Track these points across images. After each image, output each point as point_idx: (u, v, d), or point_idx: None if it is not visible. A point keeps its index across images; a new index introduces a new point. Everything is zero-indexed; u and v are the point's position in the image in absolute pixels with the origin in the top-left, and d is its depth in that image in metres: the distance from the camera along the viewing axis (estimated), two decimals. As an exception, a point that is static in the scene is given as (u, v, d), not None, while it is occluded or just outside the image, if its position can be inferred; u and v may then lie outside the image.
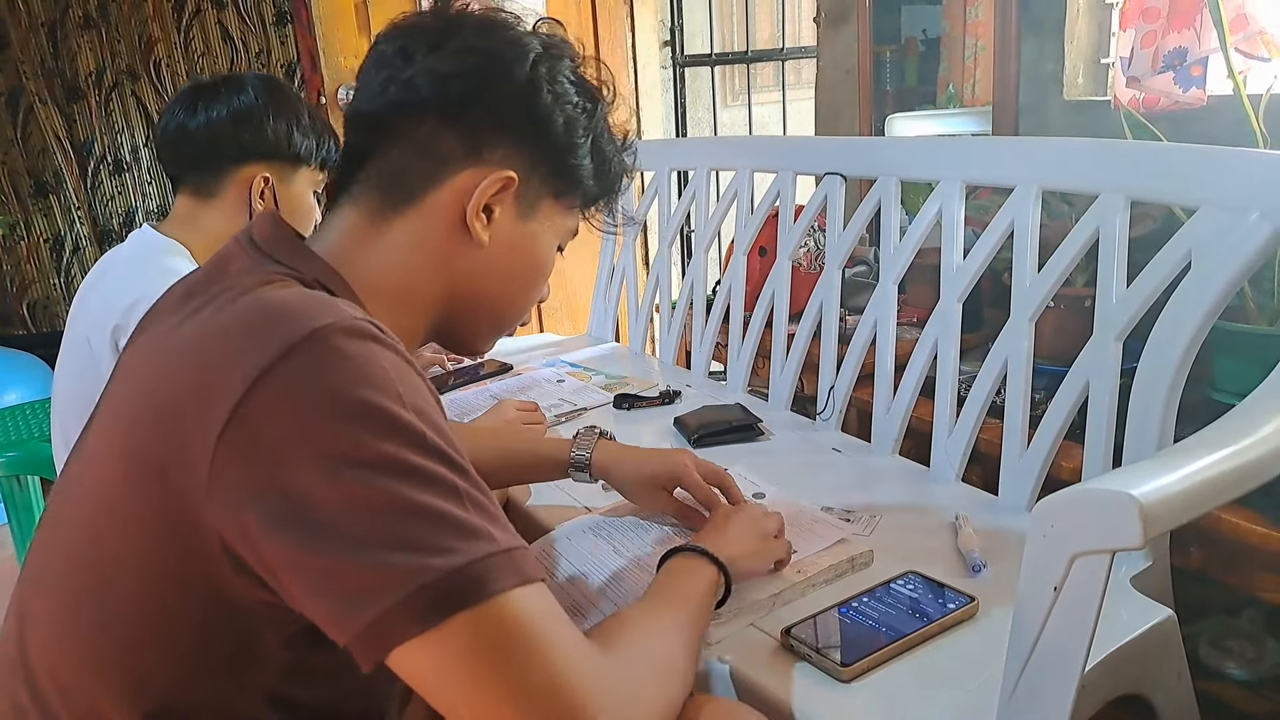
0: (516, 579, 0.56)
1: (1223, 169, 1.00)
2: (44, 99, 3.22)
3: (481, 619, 0.54)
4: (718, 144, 2.39)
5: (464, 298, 0.76)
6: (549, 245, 0.80)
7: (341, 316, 0.59)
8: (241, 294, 0.63)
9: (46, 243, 3.33)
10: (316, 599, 0.55)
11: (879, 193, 1.43)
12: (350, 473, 0.54)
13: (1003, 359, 1.21)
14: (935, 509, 1.17)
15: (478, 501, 0.57)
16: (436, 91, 0.71)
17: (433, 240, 0.73)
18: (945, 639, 0.89)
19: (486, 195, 0.72)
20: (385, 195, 0.73)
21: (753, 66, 3.21)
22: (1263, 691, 1.19)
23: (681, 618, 0.76)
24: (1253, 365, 1.11)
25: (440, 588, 0.53)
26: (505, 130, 0.73)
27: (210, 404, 0.56)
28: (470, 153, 0.72)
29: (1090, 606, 0.62)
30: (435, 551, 0.54)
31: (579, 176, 0.78)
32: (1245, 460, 0.67)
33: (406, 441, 0.56)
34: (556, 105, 0.74)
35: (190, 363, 0.60)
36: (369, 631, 0.53)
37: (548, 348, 2.13)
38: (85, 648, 0.62)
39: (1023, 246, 1.19)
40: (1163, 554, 1.04)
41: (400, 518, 0.54)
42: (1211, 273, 0.97)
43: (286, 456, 0.54)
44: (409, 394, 0.58)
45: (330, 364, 0.56)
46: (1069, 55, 1.74)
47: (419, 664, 0.55)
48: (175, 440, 0.57)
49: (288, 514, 0.54)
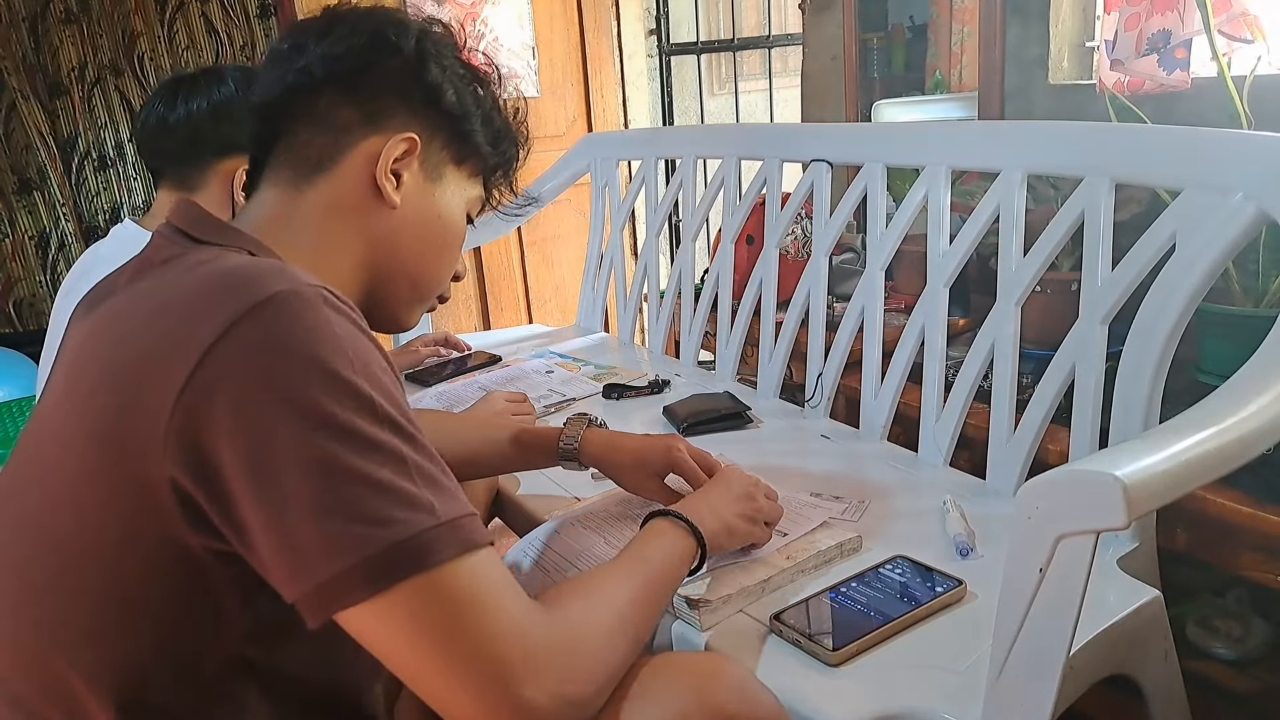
0: (457, 549, 0.58)
1: (1207, 151, 1.00)
2: (26, 95, 3.20)
3: (421, 588, 0.57)
4: (704, 132, 2.38)
5: (384, 263, 0.79)
6: (457, 210, 0.83)
7: (297, 282, 0.60)
8: (197, 265, 0.65)
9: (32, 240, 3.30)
10: (265, 553, 0.57)
11: (865, 179, 1.43)
12: (304, 432, 0.56)
13: (989, 344, 1.21)
14: (923, 494, 1.17)
15: (424, 471, 0.60)
16: (329, 70, 0.75)
17: (347, 205, 0.76)
18: (934, 622, 0.89)
19: (392, 157, 0.76)
20: (296, 170, 0.76)
21: (739, 54, 3.20)
22: (1249, 670, 1.20)
23: (641, 580, 0.76)
24: (1238, 347, 1.11)
25: (383, 559, 0.56)
26: (399, 98, 0.77)
27: (170, 364, 0.57)
28: (369, 121, 0.76)
29: (1075, 587, 0.62)
30: (381, 523, 0.56)
31: (475, 143, 0.82)
32: (1229, 439, 0.67)
33: (359, 407, 0.58)
34: (445, 76, 0.79)
35: (149, 328, 0.61)
36: (314, 594, 0.56)
37: (536, 339, 2.13)
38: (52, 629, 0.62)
39: (1008, 231, 1.20)
40: (1149, 535, 1.05)
41: (349, 485, 0.56)
42: (1196, 255, 0.97)
43: (244, 411, 0.56)
44: (362, 360, 0.60)
45: (288, 327, 0.58)
46: (1054, 39, 1.74)
47: (362, 626, 0.58)
48: (133, 403, 0.58)
49: (243, 466, 0.56)
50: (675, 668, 0.73)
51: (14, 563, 0.64)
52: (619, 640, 0.68)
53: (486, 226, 2.38)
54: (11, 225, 3.27)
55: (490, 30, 2.82)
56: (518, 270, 3.10)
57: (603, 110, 3.18)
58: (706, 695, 0.70)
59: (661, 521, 0.87)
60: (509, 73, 3.00)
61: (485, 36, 2.82)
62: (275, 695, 0.67)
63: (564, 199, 2.42)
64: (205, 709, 0.64)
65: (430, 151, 0.79)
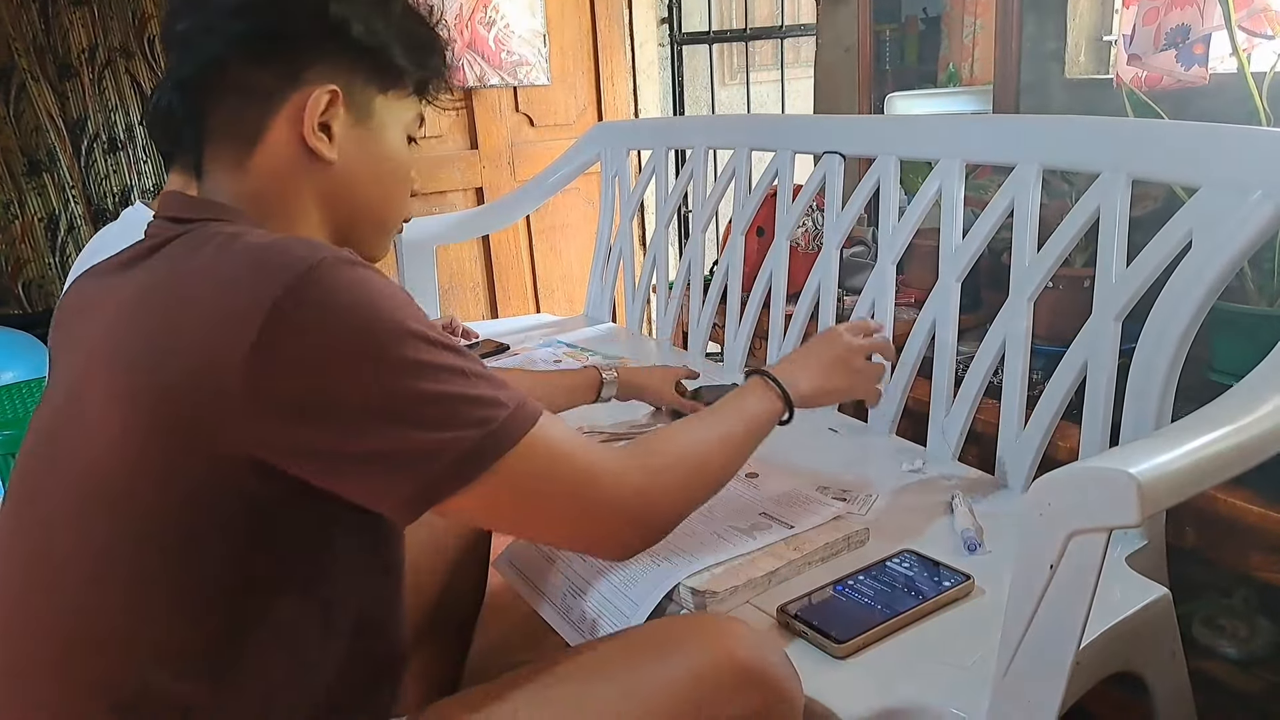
0: (527, 424, 0.68)
1: (1225, 147, 0.99)
2: (36, 76, 3.19)
3: (511, 464, 0.67)
4: (715, 123, 2.37)
5: (343, 215, 0.80)
6: (397, 141, 0.82)
7: (330, 250, 0.65)
8: (228, 240, 0.67)
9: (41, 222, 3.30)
10: (365, 476, 0.64)
11: (878, 172, 1.42)
12: (380, 376, 0.63)
13: (1001, 339, 1.20)
14: (931, 489, 1.17)
15: (481, 374, 0.68)
16: (231, 35, 0.73)
17: (289, 172, 0.76)
18: (941, 617, 0.89)
19: (316, 114, 0.74)
20: (233, 145, 0.75)
21: (751, 45, 3.18)
22: (1256, 670, 1.20)
23: (723, 429, 0.87)
24: (1252, 346, 1.10)
25: (475, 452, 0.65)
26: (309, 48, 0.75)
27: (232, 333, 0.61)
28: (287, 80, 0.74)
29: (1086, 585, 0.62)
30: (466, 424, 0.65)
31: (398, 67, 0.80)
32: (1243, 439, 0.67)
33: (414, 341, 0.64)
34: (349, 7, 0.76)
35: (199, 302, 0.63)
36: (417, 495, 0.64)
37: (545, 328, 2.13)
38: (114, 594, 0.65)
39: (1022, 226, 1.19)
40: (1158, 533, 1.05)
41: (430, 405, 0.64)
42: (1212, 253, 0.97)
43: (317, 372, 0.61)
44: (404, 305, 0.66)
45: (337, 289, 0.63)
46: (1071, 33, 1.72)
47: (465, 509, 0.67)
48: (197, 372, 0.61)
49: (329, 412, 0.62)
50: (700, 625, 0.77)
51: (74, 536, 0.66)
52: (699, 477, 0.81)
53: (494, 215, 2.38)
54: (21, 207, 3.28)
55: (501, 17, 2.81)
56: (526, 259, 3.10)
57: (613, 99, 3.17)
58: (728, 649, 0.73)
59: (755, 380, 0.96)
60: (519, 60, 3.00)
61: (496, 23, 2.81)
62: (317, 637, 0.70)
63: (573, 188, 2.41)
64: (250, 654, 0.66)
65: (354, 93, 0.77)
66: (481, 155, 2.90)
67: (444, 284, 2.84)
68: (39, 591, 0.66)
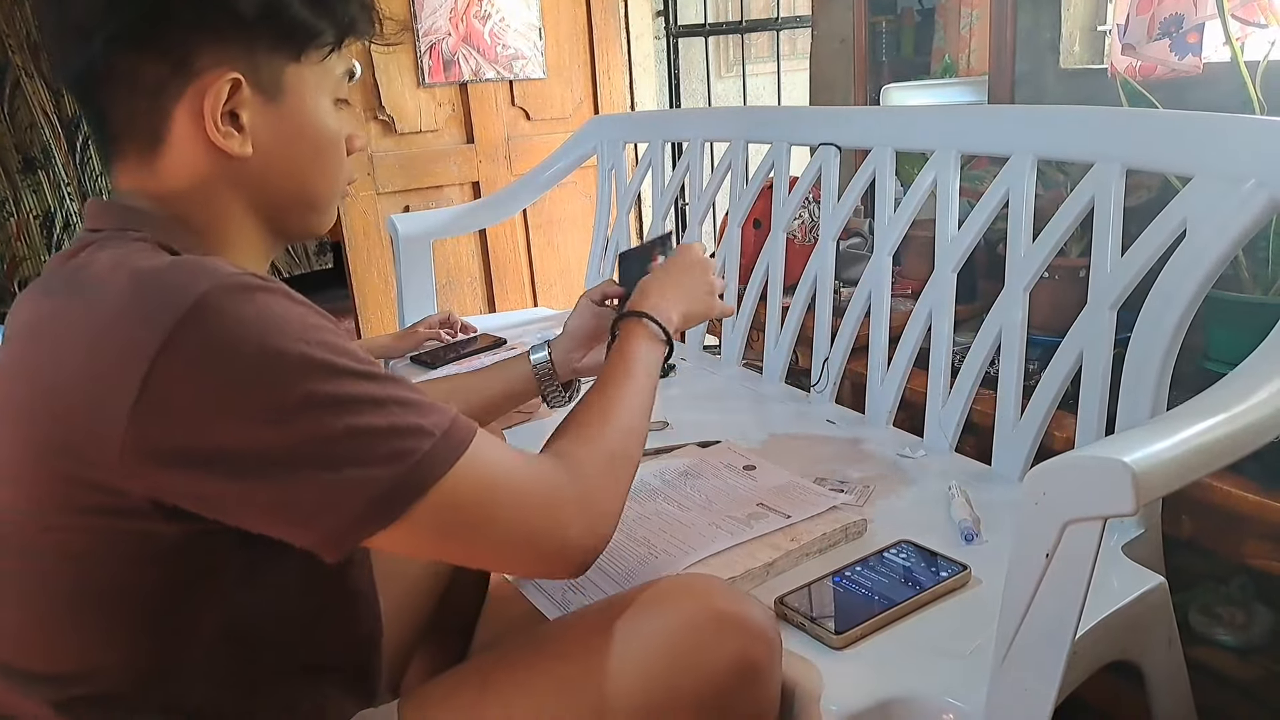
0: (455, 453, 0.62)
1: (1219, 136, 0.99)
2: (30, 73, 3.18)
3: (438, 500, 0.61)
4: (712, 115, 2.37)
5: (268, 203, 0.73)
6: (320, 110, 0.73)
7: (218, 277, 0.59)
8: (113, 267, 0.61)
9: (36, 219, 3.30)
10: (271, 521, 0.60)
11: (874, 163, 1.42)
12: (276, 419, 0.57)
13: (997, 329, 1.21)
14: (928, 479, 1.17)
15: (399, 399, 0.62)
16: (107, 28, 0.65)
17: (203, 170, 0.69)
18: (938, 607, 0.89)
19: (218, 108, 0.66)
20: (136, 143, 0.69)
21: (747, 37, 3.18)
22: (1252, 658, 1.20)
23: (628, 403, 0.82)
24: (1247, 334, 1.10)
25: (393, 492, 0.59)
26: (197, 31, 0.66)
27: (113, 386, 0.56)
28: (178, 70, 0.66)
29: (1082, 574, 0.62)
30: (380, 461, 0.59)
31: (306, 26, 0.69)
32: (1238, 427, 0.67)
33: (319, 374, 0.59)
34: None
35: (83, 346, 0.59)
36: (333, 537, 0.60)
37: (541, 322, 2.13)
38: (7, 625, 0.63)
39: (1017, 216, 1.19)
40: (1154, 522, 1.05)
41: (340, 443, 0.58)
42: (1207, 242, 0.97)
43: (210, 420, 0.56)
44: (304, 330, 0.60)
45: (224, 326, 0.57)
46: (1066, 23, 1.72)
47: (394, 546, 0.62)
48: (78, 424, 0.57)
49: (226, 465, 0.57)
50: (679, 582, 0.77)
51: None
52: (625, 465, 0.77)
53: (491, 209, 2.38)
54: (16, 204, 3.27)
55: (497, 11, 2.80)
56: (523, 253, 3.10)
57: (609, 92, 3.16)
58: (706, 600, 0.73)
59: (636, 324, 0.91)
60: (515, 53, 3.00)
61: (492, 17, 2.80)
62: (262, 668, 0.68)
63: (570, 181, 2.41)
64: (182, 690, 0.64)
65: (258, 71, 0.68)
66: (478, 149, 2.90)
67: (441, 279, 2.84)
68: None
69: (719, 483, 1.12)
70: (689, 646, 0.70)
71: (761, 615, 0.74)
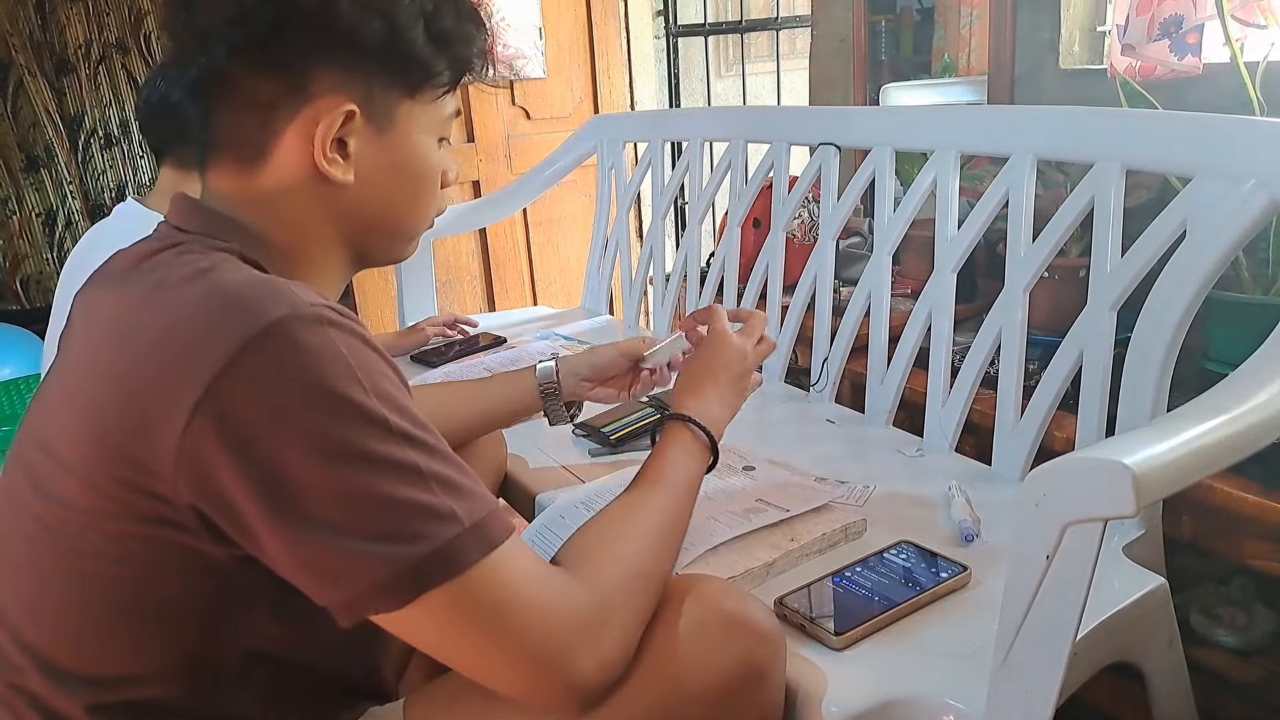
0: (482, 550, 0.60)
1: (1219, 137, 0.99)
2: (33, 72, 3.18)
3: (452, 593, 0.58)
4: (711, 114, 2.37)
5: (357, 231, 0.74)
6: (425, 147, 0.74)
7: (296, 305, 0.59)
8: (197, 275, 0.62)
9: (39, 217, 3.29)
10: (295, 571, 0.59)
11: (873, 163, 1.42)
12: (319, 461, 0.56)
13: (997, 329, 1.20)
14: (928, 479, 1.17)
15: (441, 478, 0.60)
16: (231, 39, 0.66)
17: (300, 192, 0.70)
18: (938, 608, 0.89)
19: (329, 136, 0.68)
20: (238, 156, 0.70)
21: (747, 36, 3.18)
22: (1253, 659, 1.20)
23: (661, 518, 0.77)
24: (1247, 335, 1.11)
25: (412, 573, 0.57)
26: (318, 57, 0.67)
27: (175, 396, 0.57)
28: (294, 92, 0.67)
29: (1082, 575, 0.62)
30: (406, 539, 0.57)
31: (424, 65, 0.71)
32: (1238, 428, 0.67)
33: (371, 428, 0.58)
34: (363, 8, 0.68)
35: (156, 350, 0.59)
36: (344, 605, 0.58)
37: (541, 321, 2.13)
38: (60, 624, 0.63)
39: (1017, 216, 1.19)
40: (1155, 523, 1.05)
41: (371, 508, 0.57)
42: (1207, 242, 0.97)
43: (254, 445, 0.56)
44: (369, 378, 0.59)
45: (290, 356, 0.57)
46: (1065, 23, 1.72)
47: (400, 627, 0.60)
48: (144, 427, 0.58)
49: (258, 499, 0.56)
50: (684, 584, 0.75)
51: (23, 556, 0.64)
52: (648, 584, 0.71)
53: (491, 208, 2.38)
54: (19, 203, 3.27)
55: (497, 10, 2.80)
56: (523, 252, 3.10)
57: (609, 92, 3.16)
58: (713, 601, 0.72)
59: (681, 429, 0.88)
60: (515, 53, 3.00)
61: (492, 16, 2.79)
62: (290, 682, 0.68)
63: (569, 181, 2.41)
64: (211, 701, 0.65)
65: (373, 102, 0.69)
66: (478, 148, 2.90)
67: (441, 278, 2.84)
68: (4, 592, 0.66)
69: (718, 482, 1.12)
70: (695, 649, 0.70)
71: (767, 618, 0.74)
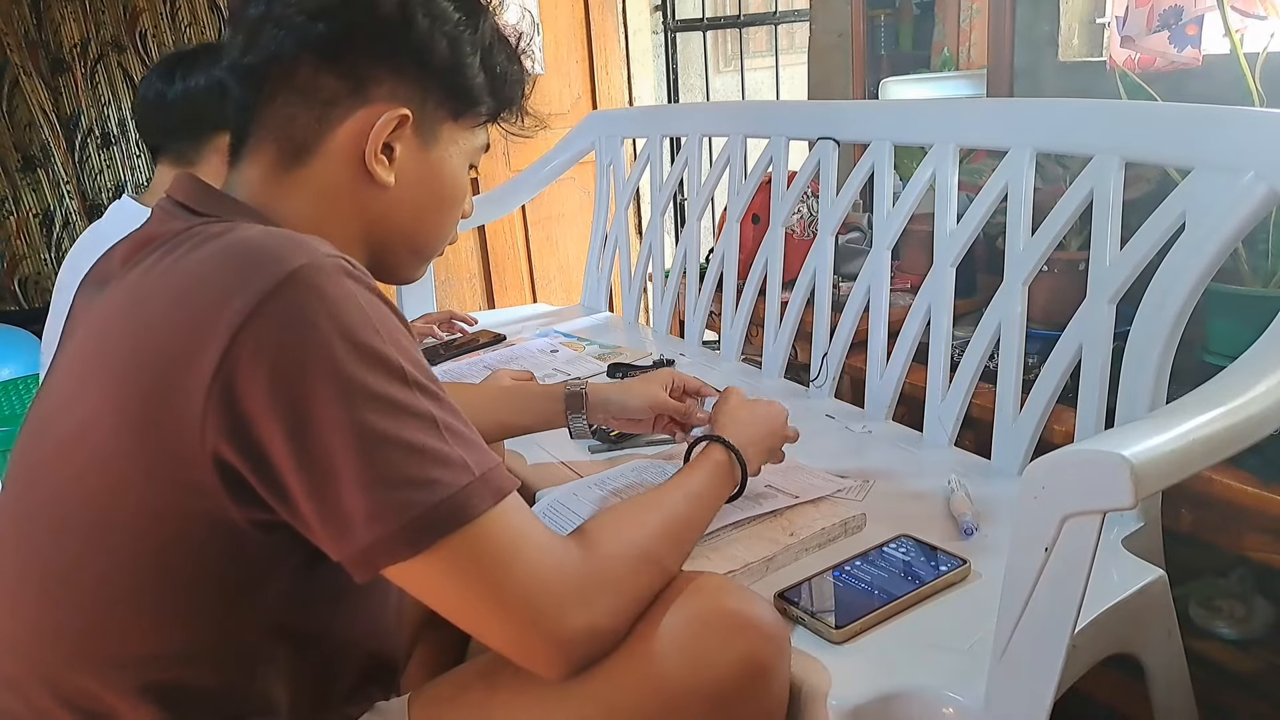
0: (492, 499, 0.62)
1: (1218, 129, 0.99)
2: (29, 71, 3.18)
3: (463, 541, 0.60)
4: (710, 110, 2.37)
5: (382, 236, 0.76)
6: (458, 169, 0.78)
7: (315, 255, 0.60)
8: (213, 237, 0.63)
9: (36, 218, 3.29)
10: (311, 518, 0.60)
11: (872, 157, 1.42)
12: (341, 403, 0.58)
13: (996, 323, 1.20)
14: (928, 474, 1.17)
15: (453, 429, 0.62)
16: (306, 33, 0.69)
17: (339, 188, 0.72)
18: (937, 601, 0.89)
19: (382, 137, 0.71)
20: (282, 147, 0.71)
21: (745, 31, 3.17)
22: (1252, 650, 1.20)
23: (674, 514, 0.79)
24: (1246, 327, 1.10)
25: (427, 519, 0.59)
26: (385, 64, 0.71)
27: (202, 345, 0.58)
28: (355, 92, 0.71)
29: (1081, 567, 0.62)
30: (420, 485, 0.59)
31: (474, 94, 0.76)
32: (1236, 420, 0.67)
33: (389, 375, 0.60)
34: (434, 28, 0.72)
35: (174, 310, 0.60)
36: (361, 554, 0.59)
37: (541, 318, 2.13)
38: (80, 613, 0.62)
39: (1016, 210, 1.19)
40: (1154, 515, 1.05)
41: (388, 451, 0.58)
42: (1206, 235, 0.97)
43: (282, 385, 0.57)
44: (386, 328, 0.61)
45: (314, 302, 0.59)
46: (1064, 16, 1.72)
47: (411, 579, 0.61)
48: (168, 384, 0.58)
49: (285, 437, 0.57)
50: (687, 581, 0.75)
51: (38, 548, 0.64)
52: (650, 570, 0.72)
53: (489, 205, 2.37)
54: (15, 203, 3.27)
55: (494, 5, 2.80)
56: (522, 249, 3.10)
57: (607, 88, 3.16)
58: (717, 601, 0.73)
59: (721, 451, 0.92)
60: (513, 50, 2.99)
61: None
62: (311, 665, 0.68)
63: (568, 177, 2.41)
64: (238, 679, 0.65)
65: (424, 115, 0.74)
66: (476, 146, 2.89)
67: (440, 276, 2.84)
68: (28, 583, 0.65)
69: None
70: (698, 646, 0.70)
71: (770, 616, 0.74)
